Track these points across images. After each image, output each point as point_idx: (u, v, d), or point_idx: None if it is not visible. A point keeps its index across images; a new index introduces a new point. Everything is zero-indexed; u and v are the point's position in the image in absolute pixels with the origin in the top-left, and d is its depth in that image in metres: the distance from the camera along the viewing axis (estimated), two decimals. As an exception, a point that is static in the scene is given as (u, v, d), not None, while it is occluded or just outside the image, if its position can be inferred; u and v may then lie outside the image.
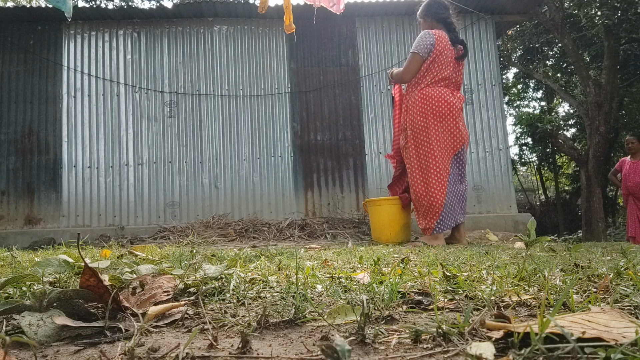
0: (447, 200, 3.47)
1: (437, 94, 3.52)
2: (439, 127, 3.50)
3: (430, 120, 3.50)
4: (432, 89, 3.53)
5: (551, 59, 13.85)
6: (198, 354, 0.65)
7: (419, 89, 3.56)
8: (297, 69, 6.40)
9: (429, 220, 3.49)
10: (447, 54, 3.56)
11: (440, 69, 3.54)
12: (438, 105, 3.50)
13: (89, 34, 6.32)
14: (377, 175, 6.23)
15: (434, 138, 3.49)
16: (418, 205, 3.58)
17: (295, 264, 1.29)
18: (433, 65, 3.54)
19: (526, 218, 6.02)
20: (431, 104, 3.51)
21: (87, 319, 0.82)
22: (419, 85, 3.58)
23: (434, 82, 3.54)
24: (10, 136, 6.08)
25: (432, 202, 3.47)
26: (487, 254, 2.02)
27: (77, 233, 1.95)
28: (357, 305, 0.84)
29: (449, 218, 3.48)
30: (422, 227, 3.55)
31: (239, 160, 6.19)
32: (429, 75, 3.55)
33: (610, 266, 1.34)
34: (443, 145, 3.50)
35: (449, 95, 3.53)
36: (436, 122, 3.50)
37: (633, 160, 5.86)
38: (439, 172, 3.47)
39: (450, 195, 3.49)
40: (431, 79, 3.54)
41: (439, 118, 3.50)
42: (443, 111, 3.50)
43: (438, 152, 3.48)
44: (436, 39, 3.54)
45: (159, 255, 1.94)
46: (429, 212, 3.49)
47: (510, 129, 22.04)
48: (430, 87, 3.54)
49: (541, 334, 0.57)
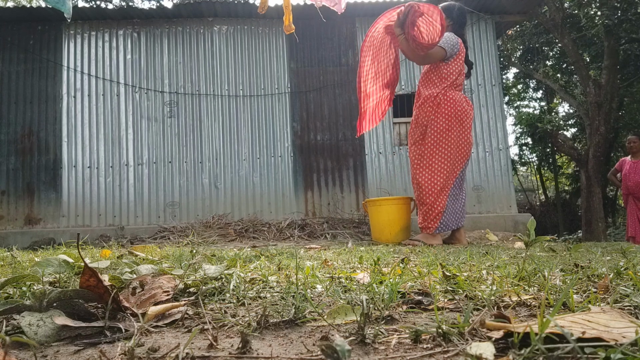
0: (450, 203, 3.50)
1: (460, 99, 3.55)
2: (459, 132, 3.53)
3: (453, 123, 3.52)
4: (457, 93, 3.57)
5: (551, 59, 13.84)
6: (198, 354, 0.65)
7: (444, 89, 3.55)
8: (297, 69, 6.40)
9: (430, 220, 3.50)
10: (462, 62, 3.63)
11: (459, 74, 3.59)
12: (461, 110, 3.53)
13: (89, 34, 6.32)
14: (377, 175, 6.23)
15: (453, 141, 3.51)
16: (421, 202, 3.58)
17: (295, 264, 1.29)
18: (455, 69, 3.58)
19: (526, 218, 6.02)
20: (456, 108, 3.52)
21: (87, 319, 0.82)
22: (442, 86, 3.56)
23: (456, 86, 3.59)
24: (10, 136, 6.08)
25: (436, 202, 3.48)
26: (487, 254, 2.02)
27: (77, 233, 1.95)
28: (357, 305, 0.84)
29: (452, 221, 3.51)
30: (423, 225, 3.55)
31: (239, 160, 6.19)
32: (454, 78, 3.57)
33: (610, 266, 1.34)
34: (459, 150, 3.53)
35: (464, 102, 3.58)
36: (457, 127, 3.53)
37: (633, 160, 5.85)
38: (447, 176, 3.50)
39: (453, 198, 3.52)
40: (452, 81, 3.57)
41: (460, 123, 3.53)
42: (463, 117, 3.53)
43: (452, 156, 3.51)
44: (460, 44, 3.60)
45: (159, 255, 1.94)
46: (431, 212, 3.49)
47: (510, 129, 22.08)
48: (454, 90, 3.57)
49: (541, 334, 0.57)
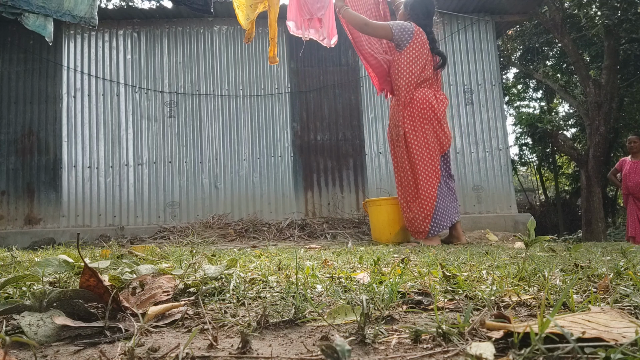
0: (439, 202, 3.47)
1: (422, 96, 3.53)
2: (428, 131, 3.51)
3: (420, 124, 3.51)
4: (418, 92, 3.54)
5: (551, 59, 13.84)
6: (198, 354, 0.65)
7: (406, 92, 3.56)
8: (297, 69, 6.40)
9: (419, 224, 3.48)
10: (426, 55, 3.56)
11: (420, 68, 3.54)
12: (423, 108, 3.51)
13: (89, 34, 6.32)
14: (377, 175, 6.23)
15: (422, 141, 3.50)
16: (408, 209, 3.56)
17: (295, 264, 1.29)
18: (414, 62, 3.53)
19: (526, 218, 6.02)
20: (417, 107, 3.52)
21: (87, 319, 0.82)
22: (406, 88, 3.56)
23: (419, 84, 3.55)
24: (10, 136, 6.08)
25: (423, 205, 3.46)
26: (487, 254, 2.02)
27: (77, 233, 1.95)
28: (357, 305, 0.84)
29: (444, 219, 3.48)
30: (414, 231, 3.53)
31: (239, 160, 6.19)
32: (417, 74, 3.54)
33: (610, 266, 1.34)
34: (431, 148, 3.51)
35: (432, 98, 3.54)
36: (425, 126, 3.51)
37: (634, 160, 5.86)
38: (428, 176, 3.47)
39: (441, 197, 3.49)
40: (415, 80, 3.54)
41: (428, 122, 3.51)
42: (430, 115, 3.51)
43: (427, 155, 3.49)
44: (415, 32, 3.53)
45: (158, 255, 1.94)
46: (420, 215, 3.47)
47: (510, 129, 22.07)
48: (416, 89, 3.55)
49: (541, 334, 0.57)
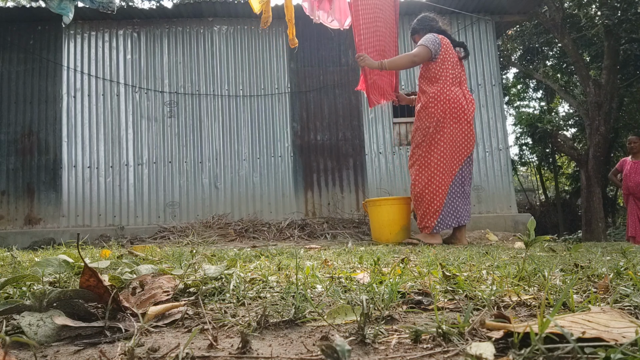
0: (449, 200, 3.49)
1: (453, 95, 3.54)
2: (454, 129, 3.52)
3: (447, 120, 3.52)
4: (453, 90, 3.56)
5: (551, 59, 13.84)
6: (198, 354, 0.65)
7: (436, 88, 3.57)
8: (297, 69, 6.40)
9: (428, 219, 3.50)
10: (453, 54, 3.65)
11: (452, 68, 3.59)
12: (454, 106, 3.52)
13: (89, 34, 6.32)
14: (377, 175, 6.23)
15: (447, 138, 3.51)
16: (418, 202, 3.59)
17: (295, 264, 1.29)
18: (445, 65, 3.58)
19: (526, 218, 6.02)
20: (448, 104, 3.52)
21: (87, 319, 0.82)
22: (435, 85, 3.59)
23: (450, 83, 3.58)
24: (10, 136, 6.08)
25: (433, 200, 3.48)
26: (487, 254, 2.02)
27: (77, 233, 1.95)
28: (357, 305, 0.84)
29: (451, 218, 3.49)
30: (421, 225, 3.56)
31: (239, 160, 6.19)
32: (449, 73, 3.58)
33: (610, 266, 1.34)
34: (456, 147, 3.52)
35: (462, 98, 3.56)
36: (452, 124, 3.52)
37: (634, 160, 5.86)
38: (443, 173, 3.49)
39: (453, 196, 3.51)
40: (445, 78, 3.57)
41: (456, 120, 3.52)
42: (459, 114, 3.52)
43: (448, 153, 3.50)
44: (441, 39, 3.62)
45: (158, 255, 1.94)
46: (429, 211, 3.50)
47: (510, 129, 22.04)
48: (451, 87, 3.57)
49: (541, 334, 0.57)
